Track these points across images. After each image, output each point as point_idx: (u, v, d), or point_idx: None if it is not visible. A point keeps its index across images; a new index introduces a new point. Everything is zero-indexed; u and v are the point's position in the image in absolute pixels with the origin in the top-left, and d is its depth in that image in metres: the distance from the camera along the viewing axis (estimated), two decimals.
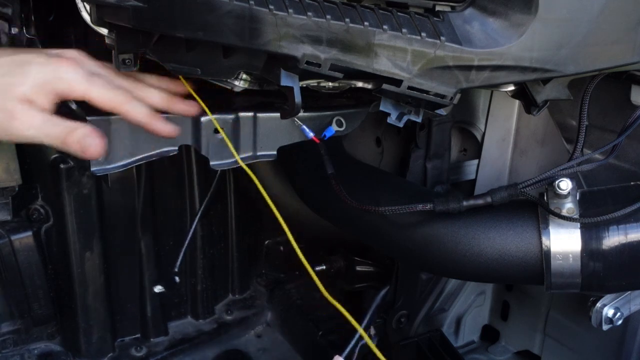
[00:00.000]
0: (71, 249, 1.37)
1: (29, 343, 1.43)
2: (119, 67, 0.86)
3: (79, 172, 1.32)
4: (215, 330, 1.64)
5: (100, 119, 0.93)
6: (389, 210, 0.93)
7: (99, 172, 0.95)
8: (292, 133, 1.06)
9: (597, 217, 0.86)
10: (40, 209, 1.36)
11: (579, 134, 0.93)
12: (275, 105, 1.04)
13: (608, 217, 0.86)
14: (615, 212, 0.86)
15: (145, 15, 0.75)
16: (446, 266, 0.98)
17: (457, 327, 1.54)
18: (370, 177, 1.12)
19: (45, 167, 1.32)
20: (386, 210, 0.93)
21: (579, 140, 0.92)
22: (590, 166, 0.91)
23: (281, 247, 1.74)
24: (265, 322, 1.72)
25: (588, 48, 0.80)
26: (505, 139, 1.30)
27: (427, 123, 1.33)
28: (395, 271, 1.37)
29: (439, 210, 0.91)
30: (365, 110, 1.10)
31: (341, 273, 1.49)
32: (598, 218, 0.86)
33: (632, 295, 1.07)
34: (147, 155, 0.98)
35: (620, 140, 0.91)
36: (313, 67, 0.77)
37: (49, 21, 1.20)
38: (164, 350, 1.53)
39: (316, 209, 1.17)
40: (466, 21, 0.77)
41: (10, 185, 1.28)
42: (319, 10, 0.74)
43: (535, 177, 0.89)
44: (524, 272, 0.92)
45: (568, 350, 1.33)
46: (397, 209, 0.92)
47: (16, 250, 1.31)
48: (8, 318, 1.39)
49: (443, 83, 0.79)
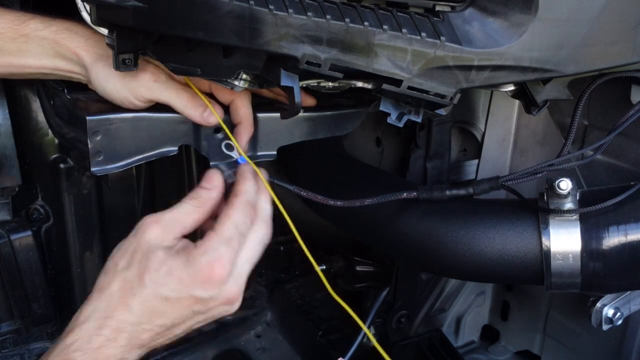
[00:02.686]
0: (71, 249, 1.37)
1: (29, 343, 1.43)
2: (119, 68, 0.86)
3: (79, 172, 1.32)
4: (215, 330, 1.64)
5: (100, 118, 0.93)
6: (372, 201, 0.93)
7: (99, 172, 0.95)
8: (292, 133, 1.06)
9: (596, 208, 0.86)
10: (40, 209, 1.36)
11: (569, 131, 0.93)
12: (275, 105, 1.04)
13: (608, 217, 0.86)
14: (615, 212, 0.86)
15: (145, 15, 0.75)
16: (446, 266, 0.98)
17: (457, 327, 1.54)
18: (370, 177, 1.12)
19: (45, 167, 1.32)
20: (369, 201, 0.93)
21: (568, 137, 0.93)
22: (577, 163, 0.92)
23: (281, 247, 1.74)
24: (265, 322, 1.72)
25: (588, 48, 0.80)
26: (505, 139, 1.30)
27: (427, 123, 1.33)
28: (395, 271, 1.37)
29: (422, 198, 0.93)
30: (365, 110, 1.10)
31: (341, 273, 1.49)
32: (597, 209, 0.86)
33: (632, 295, 1.07)
34: (147, 155, 0.98)
35: (609, 139, 0.91)
36: (313, 67, 0.77)
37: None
38: (163, 350, 1.53)
39: (316, 209, 1.17)
40: (466, 21, 0.77)
41: (10, 185, 1.28)
42: (319, 10, 0.74)
43: (518, 171, 0.91)
44: (524, 272, 0.92)
45: (568, 350, 1.33)
46: (380, 198, 0.92)
47: (16, 250, 1.31)
48: (8, 318, 1.39)
49: (443, 83, 0.79)
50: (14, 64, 0.94)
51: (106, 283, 0.81)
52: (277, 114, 1.03)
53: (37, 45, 0.92)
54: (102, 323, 0.78)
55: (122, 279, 0.80)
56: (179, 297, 0.79)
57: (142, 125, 0.95)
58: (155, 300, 0.79)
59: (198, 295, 0.79)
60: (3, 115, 1.25)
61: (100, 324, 0.78)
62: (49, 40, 0.91)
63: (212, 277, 0.79)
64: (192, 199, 0.85)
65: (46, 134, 1.30)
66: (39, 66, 0.94)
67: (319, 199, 0.93)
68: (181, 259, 0.79)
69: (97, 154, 0.93)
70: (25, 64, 0.94)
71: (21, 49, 0.92)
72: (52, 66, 0.94)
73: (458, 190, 0.93)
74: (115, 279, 0.80)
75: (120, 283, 0.80)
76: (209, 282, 0.79)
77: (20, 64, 0.94)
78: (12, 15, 0.92)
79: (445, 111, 0.90)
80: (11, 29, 0.91)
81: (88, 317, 0.78)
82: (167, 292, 0.79)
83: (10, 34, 0.91)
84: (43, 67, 0.95)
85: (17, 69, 0.95)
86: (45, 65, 0.94)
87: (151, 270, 0.79)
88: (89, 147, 0.92)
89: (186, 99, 0.92)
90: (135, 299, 0.79)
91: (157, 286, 0.78)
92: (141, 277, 0.79)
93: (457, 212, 0.96)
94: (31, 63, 0.94)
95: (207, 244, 0.80)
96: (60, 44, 0.91)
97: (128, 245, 0.82)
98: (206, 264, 0.78)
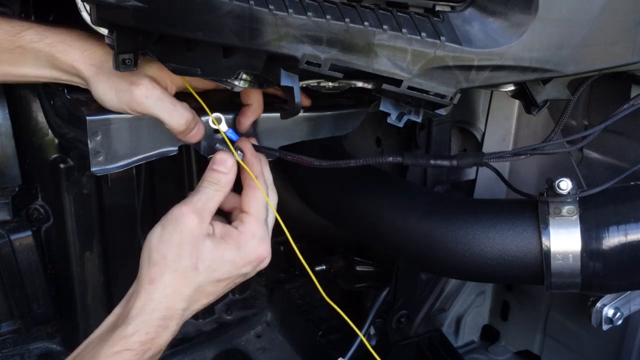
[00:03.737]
0: (71, 249, 1.37)
1: (29, 343, 1.43)
2: (119, 68, 0.85)
3: (79, 172, 1.32)
4: (215, 330, 1.64)
5: (100, 118, 0.93)
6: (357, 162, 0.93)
7: (99, 172, 0.95)
8: (292, 133, 1.06)
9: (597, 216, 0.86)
10: (40, 209, 1.36)
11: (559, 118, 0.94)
12: (275, 105, 1.04)
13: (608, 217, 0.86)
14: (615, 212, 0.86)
15: (145, 15, 0.75)
16: (446, 266, 0.98)
17: (457, 327, 1.54)
18: (370, 177, 1.12)
19: (45, 167, 1.32)
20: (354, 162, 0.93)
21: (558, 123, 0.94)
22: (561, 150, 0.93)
23: (281, 247, 1.74)
24: (265, 322, 1.72)
25: (588, 48, 0.80)
26: (505, 139, 1.30)
27: (427, 123, 1.33)
28: (395, 271, 1.37)
29: (407, 163, 0.93)
30: (365, 110, 1.10)
31: (341, 273, 1.49)
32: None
33: (632, 295, 1.07)
34: (147, 155, 0.98)
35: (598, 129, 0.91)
36: (313, 67, 0.77)
37: (48, 21, 1.19)
38: None
39: (316, 209, 1.17)
40: (466, 21, 0.77)
41: (10, 185, 1.28)
42: (319, 10, 0.74)
43: (504, 151, 0.91)
44: (524, 272, 0.92)
45: (568, 350, 1.33)
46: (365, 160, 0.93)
47: (16, 250, 1.31)
48: (8, 318, 1.39)
49: (443, 83, 0.79)
50: (12, 73, 0.94)
51: (158, 275, 0.85)
52: (277, 114, 1.03)
53: (34, 57, 0.92)
54: (159, 315, 0.84)
55: (174, 270, 0.85)
56: (229, 276, 0.88)
57: (142, 125, 0.95)
58: (208, 285, 0.87)
59: (245, 271, 0.90)
60: (3, 115, 1.25)
61: (158, 316, 0.84)
62: (45, 52, 0.91)
63: (260, 256, 0.90)
64: (211, 183, 0.90)
65: (46, 134, 1.30)
66: (37, 76, 0.95)
67: (304, 160, 0.93)
68: (231, 245, 0.88)
69: (97, 154, 0.93)
70: (24, 74, 0.94)
71: (18, 60, 0.92)
72: (50, 76, 0.95)
73: (442, 161, 0.93)
74: (167, 271, 0.85)
75: (173, 274, 0.85)
76: (257, 260, 0.90)
77: (18, 73, 0.94)
78: (7, 25, 0.91)
79: (445, 111, 0.90)
80: (7, 40, 0.91)
81: (143, 309, 0.84)
82: (220, 275, 0.87)
83: (6, 45, 0.91)
84: (41, 77, 0.95)
85: (15, 77, 0.95)
86: (44, 75, 0.94)
87: (205, 259, 0.86)
88: (89, 147, 0.92)
89: (175, 119, 0.92)
90: (189, 287, 0.86)
91: (210, 272, 0.86)
92: (195, 267, 0.86)
93: (457, 212, 0.96)
94: (29, 73, 0.94)
95: (250, 228, 0.89)
96: (56, 57, 0.91)
97: (170, 237, 0.86)
98: (256, 246, 0.89)
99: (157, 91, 0.91)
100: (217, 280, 0.88)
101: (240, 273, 0.89)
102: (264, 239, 0.90)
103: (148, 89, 0.90)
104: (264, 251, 0.90)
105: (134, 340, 0.82)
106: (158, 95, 0.91)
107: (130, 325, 0.83)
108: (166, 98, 0.92)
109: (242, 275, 0.91)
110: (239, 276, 0.90)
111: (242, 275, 0.91)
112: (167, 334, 0.85)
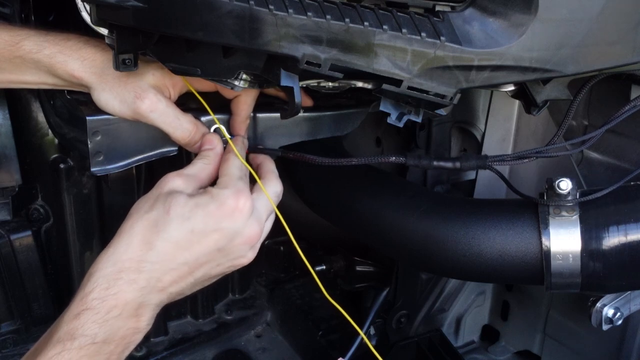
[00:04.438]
0: (71, 249, 1.37)
1: (29, 343, 1.43)
2: (119, 68, 0.86)
3: (79, 172, 1.32)
4: (215, 330, 1.64)
5: (100, 118, 0.93)
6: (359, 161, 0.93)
7: (99, 172, 0.95)
8: (292, 133, 1.06)
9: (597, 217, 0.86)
10: (40, 209, 1.36)
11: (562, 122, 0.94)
12: (275, 105, 1.04)
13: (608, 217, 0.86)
14: (615, 212, 0.86)
15: (145, 15, 0.75)
16: (446, 266, 0.98)
17: (457, 327, 1.54)
18: (369, 177, 1.12)
19: (45, 167, 1.32)
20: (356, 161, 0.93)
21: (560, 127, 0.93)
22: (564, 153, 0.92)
23: (281, 247, 1.74)
24: (265, 322, 1.72)
25: (588, 48, 0.80)
26: (505, 139, 1.30)
27: (427, 123, 1.33)
28: (395, 271, 1.37)
29: (409, 164, 0.92)
30: (365, 110, 1.10)
31: (341, 273, 1.49)
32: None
33: (632, 295, 1.07)
34: (147, 155, 0.98)
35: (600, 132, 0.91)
36: (313, 67, 0.77)
37: (48, 21, 1.19)
38: (163, 350, 1.53)
39: (316, 209, 1.17)
40: (466, 21, 0.77)
41: (10, 185, 1.28)
42: (319, 10, 0.74)
43: (507, 154, 0.91)
44: (524, 272, 0.92)
45: (568, 350, 1.33)
46: (368, 159, 0.93)
47: (16, 250, 1.31)
48: (8, 318, 1.39)
49: (443, 83, 0.79)
50: (13, 81, 0.95)
51: (127, 226, 0.80)
52: (277, 114, 1.03)
53: (34, 67, 0.92)
54: (121, 266, 0.77)
55: (146, 219, 0.80)
56: (205, 229, 0.80)
57: (142, 125, 0.95)
58: (180, 234, 0.79)
59: (224, 226, 0.80)
60: (3, 115, 1.25)
61: (120, 268, 0.77)
62: (45, 63, 0.91)
63: (238, 207, 0.81)
64: (201, 157, 0.90)
65: (46, 134, 1.30)
66: (39, 83, 0.95)
67: (306, 158, 0.93)
68: (206, 195, 0.82)
69: (97, 154, 0.93)
70: (25, 81, 0.95)
71: (19, 69, 0.93)
72: (52, 83, 0.95)
73: (445, 162, 0.92)
74: (138, 221, 0.80)
75: (143, 223, 0.79)
76: (236, 211, 0.81)
77: (19, 80, 0.95)
78: (6, 34, 0.91)
79: (445, 111, 0.90)
80: (6, 50, 0.91)
81: (106, 263, 0.77)
82: (194, 225, 0.79)
83: (6, 54, 0.91)
84: (43, 84, 0.95)
85: (16, 84, 0.96)
86: (45, 82, 0.95)
87: (177, 206, 0.80)
88: (89, 147, 0.93)
89: (179, 133, 0.93)
90: (159, 235, 0.78)
91: (183, 220, 0.79)
92: (167, 213, 0.79)
93: (457, 212, 0.96)
94: (30, 80, 0.94)
95: (224, 181, 0.84)
96: (56, 67, 0.91)
97: (150, 195, 0.83)
98: (232, 195, 0.81)
99: (162, 104, 0.91)
100: (190, 230, 0.79)
101: (218, 227, 0.80)
102: (242, 191, 0.82)
103: (153, 102, 0.90)
104: (243, 205, 0.81)
105: (93, 297, 0.75)
106: (163, 110, 0.91)
107: (89, 282, 0.76)
108: (170, 112, 0.92)
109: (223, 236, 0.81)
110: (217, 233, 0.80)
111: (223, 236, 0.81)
112: (135, 290, 0.76)
